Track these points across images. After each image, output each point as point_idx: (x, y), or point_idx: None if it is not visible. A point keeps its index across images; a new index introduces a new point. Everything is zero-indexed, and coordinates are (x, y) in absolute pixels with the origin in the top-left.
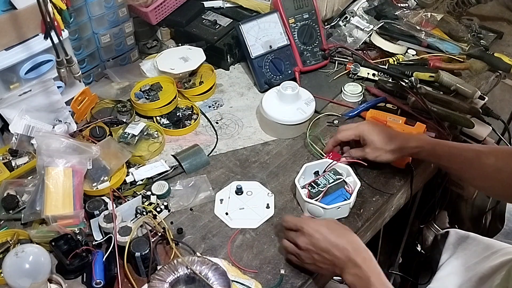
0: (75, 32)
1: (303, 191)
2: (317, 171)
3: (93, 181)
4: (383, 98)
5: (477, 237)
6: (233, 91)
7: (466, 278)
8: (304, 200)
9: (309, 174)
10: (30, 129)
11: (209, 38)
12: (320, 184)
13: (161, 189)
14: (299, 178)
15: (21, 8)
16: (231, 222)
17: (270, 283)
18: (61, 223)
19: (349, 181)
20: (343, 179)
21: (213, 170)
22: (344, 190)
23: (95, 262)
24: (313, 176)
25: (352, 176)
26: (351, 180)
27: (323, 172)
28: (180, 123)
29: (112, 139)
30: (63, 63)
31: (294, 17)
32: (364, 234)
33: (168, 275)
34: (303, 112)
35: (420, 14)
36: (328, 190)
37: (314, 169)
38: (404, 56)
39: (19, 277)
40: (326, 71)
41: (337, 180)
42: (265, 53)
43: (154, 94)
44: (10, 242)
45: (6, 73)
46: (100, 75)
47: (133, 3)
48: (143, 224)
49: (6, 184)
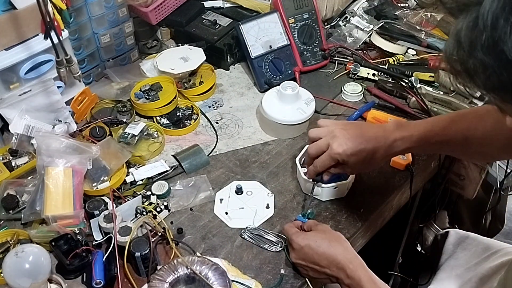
0: (75, 32)
1: (302, 170)
2: None
3: (93, 181)
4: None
5: (477, 237)
6: (233, 91)
7: (466, 279)
8: (303, 178)
9: None
10: (30, 129)
11: (209, 38)
12: None
13: (161, 189)
14: (300, 158)
15: (21, 8)
16: (231, 222)
17: (270, 283)
18: (61, 223)
19: None
20: None
21: (213, 170)
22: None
23: (95, 262)
24: None
25: None
26: None
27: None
28: (180, 123)
29: (112, 139)
30: (63, 63)
31: (294, 17)
32: (364, 234)
33: (168, 275)
34: (303, 112)
35: (420, 14)
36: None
37: None
38: (404, 56)
39: (19, 277)
40: (326, 71)
41: None
42: (265, 53)
43: (154, 94)
44: (10, 242)
45: (6, 73)
46: (100, 75)
47: (133, 3)
48: (143, 224)
49: (6, 184)
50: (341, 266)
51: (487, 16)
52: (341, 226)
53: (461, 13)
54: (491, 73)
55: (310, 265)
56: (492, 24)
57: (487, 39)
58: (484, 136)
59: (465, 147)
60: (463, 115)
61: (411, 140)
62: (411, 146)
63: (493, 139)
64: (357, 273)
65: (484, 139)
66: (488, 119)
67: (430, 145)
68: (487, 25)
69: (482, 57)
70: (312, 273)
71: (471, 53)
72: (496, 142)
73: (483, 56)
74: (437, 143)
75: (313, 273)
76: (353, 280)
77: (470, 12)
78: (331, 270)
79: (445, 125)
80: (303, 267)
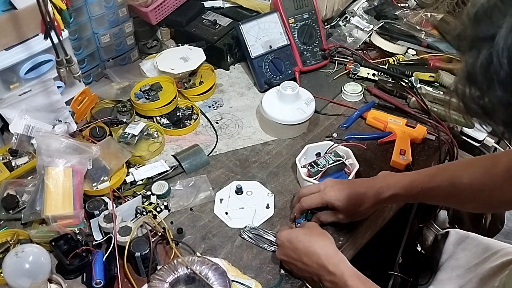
0: (75, 32)
1: (302, 170)
2: (318, 152)
3: (93, 181)
4: (372, 103)
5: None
6: (233, 91)
7: (467, 279)
8: (303, 178)
9: (311, 155)
10: (30, 129)
11: (209, 38)
12: (320, 164)
13: (161, 189)
14: (300, 158)
15: (21, 8)
16: (231, 222)
17: (270, 283)
18: (61, 223)
19: (349, 163)
20: (343, 161)
21: (213, 170)
22: (343, 173)
23: (95, 262)
24: (314, 157)
25: (351, 159)
26: (351, 162)
27: (324, 154)
28: (180, 123)
29: (112, 139)
30: (63, 63)
31: (294, 17)
32: (364, 234)
33: (168, 275)
34: (303, 112)
35: (420, 14)
36: (327, 171)
37: (316, 151)
38: (404, 56)
39: (19, 277)
40: (326, 71)
41: (337, 161)
42: (265, 53)
43: (154, 94)
44: (10, 242)
45: (6, 73)
46: (100, 75)
47: (133, 3)
48: (143, 224)
49: (6, 184)
50: (321, 262)
51: (502, 52)
52: (341, 226)
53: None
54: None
55: (291, 260)
56: (509, 60)
57: (505, 75)
58: (472, 183)
59: (454, 194)
60: (451, 163)
61: (396, 186)
62: (395, 192)
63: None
64: (339, 267)
65: (472, 186)
66: (476, 166)
67: (417, 193)
68: (504, 62)
69: (501, 94)
70: (295, 269)
71: (488, 91)
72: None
73: (502, 93)
74: (423, 190)
75: (296, 269)
76: (335, 276)
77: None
78: (310, 266)
79: (432, 173)
80: (287, 263)
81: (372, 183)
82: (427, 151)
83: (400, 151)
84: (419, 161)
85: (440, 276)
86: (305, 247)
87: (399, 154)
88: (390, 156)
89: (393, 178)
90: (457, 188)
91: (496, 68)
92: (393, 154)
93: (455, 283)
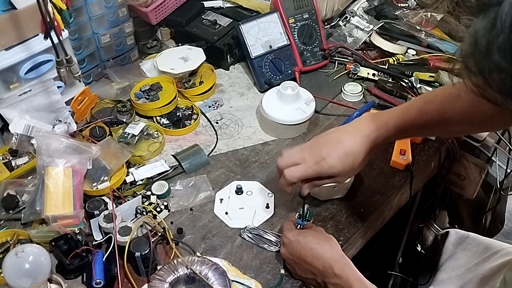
0: (75, 32)
1: None
2: None
3: (93, 181)
4: (372, 103)
5: (477, 237)
6: (233, 91)
7: (467, 279)
8: None
9: None
10: (30, 129)
11: (209, 38)
12: None
13: (161, 189)
14: None
15: (21, 8)
16: (231, 222)
17: (270, 283)
18: (61, 223)
19: None
20: None
21: (213, 170)
22: None
23: (95, 262)
24: None
25: None
26: None
27: None
28: (180, 123)
29: (112, 139)
30: (63, 63)
31: (294, 17)
32: (364, 234)
33: (168, 275)
34: (303, 112)
35: (420, 14)
36: None
37: None
38: (404, 56)
39: (19, 277)
40: (326, 71)
41: None
42: (265, 53)
43: (154, 94)
44: (10, 242)
45: (6, 73)
46: (100, 75)
47: (133, 3)
48: (143, 224)
49: (6, 184)
50: (328, 263)
51: (505, 18)
52: (341, 226)
53: (480, 13)
54: (506, 76)
55: (297, 260)
56: (510, 27)
57: (504, 41)
58: (463, 115)
59: (444, 127)
60: (435, 96)
61: (387, 129)
62: (388, 135)
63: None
64: (344, 271)
65: (462, 118)
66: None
67: (408, 131)
68: (505, 27)
69: (498, 59)
70: (298, 270)
71: (487, 54)
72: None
73: (499, 59)
74: (414, 127)
75: (299, 270)
76: (340, 279)
77: (489, 13)
78: (316, 267)
79: (420, 108)
80: (290, 263)
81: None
82: (427, 151)
83: (400, 151)
84: (419, 161)
85: (440, 276)
86: (312, 248)
87: (399, 154)
88: (390, 156)
89: (380, 120)
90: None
91: (497, 33)
92: (393, 154)
93: (455, 283)
